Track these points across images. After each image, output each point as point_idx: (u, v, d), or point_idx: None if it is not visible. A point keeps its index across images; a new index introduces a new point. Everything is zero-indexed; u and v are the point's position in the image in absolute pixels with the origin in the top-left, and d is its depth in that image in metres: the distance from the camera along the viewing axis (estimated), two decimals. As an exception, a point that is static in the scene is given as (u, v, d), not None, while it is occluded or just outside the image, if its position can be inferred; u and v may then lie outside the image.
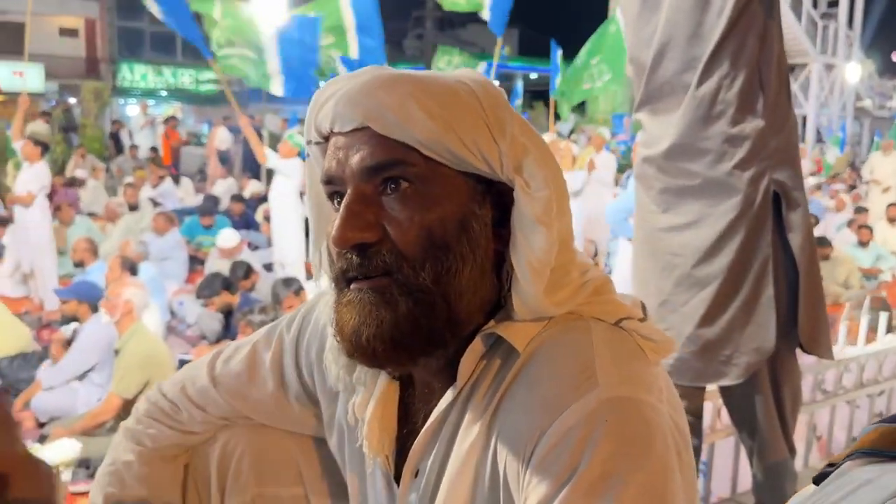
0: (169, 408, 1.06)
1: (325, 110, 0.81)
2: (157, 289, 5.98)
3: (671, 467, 0.70)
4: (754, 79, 2.02)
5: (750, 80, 2.01)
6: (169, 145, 15.49)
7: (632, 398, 0.72)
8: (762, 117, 2.02)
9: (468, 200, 0.79)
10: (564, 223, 0.81)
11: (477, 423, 0.79)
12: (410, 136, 0.76)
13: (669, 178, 2.14)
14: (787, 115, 2.08)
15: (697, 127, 2.06)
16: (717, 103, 2.02)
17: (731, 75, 2.01)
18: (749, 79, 2.01)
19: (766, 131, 2.02)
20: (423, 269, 0.77)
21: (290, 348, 1.03)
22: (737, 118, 2.02)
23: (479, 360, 0.82)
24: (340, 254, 0.79)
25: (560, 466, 0.69)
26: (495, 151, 0.78)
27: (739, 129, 2.02)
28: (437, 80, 0.80)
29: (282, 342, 1.04)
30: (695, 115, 2.06)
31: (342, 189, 0.79)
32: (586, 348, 0.76)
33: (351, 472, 0.96)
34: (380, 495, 0.92)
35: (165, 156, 15.12)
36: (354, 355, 0.80)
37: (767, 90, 2.03)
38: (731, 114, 2.01)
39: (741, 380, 2.08)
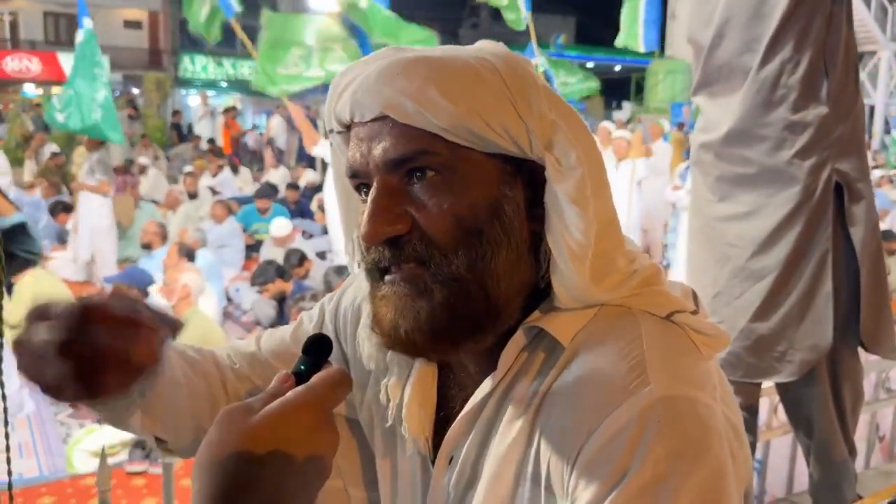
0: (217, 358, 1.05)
1: (343, 99, 0.78)
2: (215, 275, 6.11)
3: (726, 469, 0.67)
4: (819, 63, 1.93)
5: (814, 64, 1.92)
6: (229, 135, 15.77)
7: (685, 397, 0.69)
8: (826, 104, 1.93)
9: (498, 183, 0.76)
10: (604, 205, 0.77)
11: (519, 419, 0.77)
12: (432, 123, 0.73)
13: (726, 165, 2.06)
14: (853, 103, 1.99)
15: (757, 112, 1.98)
16: (778, 88, 1.94)
17: (795, 59, 1.92)
18: (814, 63, 1.92)
19: (829, 119, 1.93)
20: (455, 256, 0.74)
21: (330, 323, 1.03)
22: (799, 104, 1.93)
23: (520, 352, 0.79)
24: (372, 246, 0.77)
25: (609, 469, 0.66)
26: (523, 130, 0.75)
27: (801, 115, 1.93)
28: (456, 58, 0.76)
29: (322, 318, 1.04)
30: (754, 100, 1.98)
31: (368, 182, 0.77)
32: (636, 344, 0.72)
33: (382, 453, 0.95)
34: (415, 477, 0.90)
35: (225, 145, 15.40)
36: (395, 348, 0.78)
37: (833, 75, 1.93)
38: (793, 99, 1.93)
39: (795, 377, 2.01)
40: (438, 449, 0.85)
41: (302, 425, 0.62)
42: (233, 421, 0.61)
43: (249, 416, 0.61)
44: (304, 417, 0.62)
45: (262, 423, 0.61)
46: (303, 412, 0.62)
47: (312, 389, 0.64)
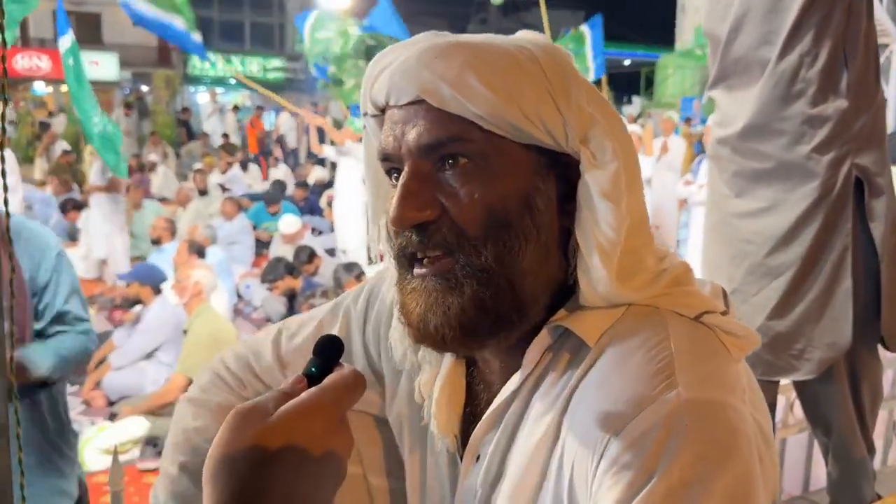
0: (234, 381, 1.03)
1: (380, 82, 0.77)
2: (225, 272, 6.11)
3: (754, 474, 0.65)
4: (839, 56, 1.89)
5: (834, 56, 1.89)
6: (255, 134, 15.70)
7: (714, 400, 0.67)
8: (846, 97, 1.89)
9: (531, 175, 0.75)
10: (636, 201, 0.76)
11: (545, 419, 0.76)
12: (469, 110, 0.72)
13: (743, 160, 2.04)
14: (873, 96, 1.95)
15: (775, 106, 1.95)
16: (797, 81, 1.91)
17: (814, 52, 1.89)
18: (833, 55, 1.89)
19: (849, 112, 1.90)
20: (484, 248, 0.73)
21: (358, 323, 1.01)
22: (818, 98, 1.90)
23: (546, 352, 0.78)
24: (399, 231, 0.76)
25: (634, 471, 0.64)
26: (559, 122, 0.73)
27: (820, 109, 1.90)
28: (496, 46, 0.75)
29: (348, 317, 1.02)
30: (772, 94, 1.95)
31: (399, 166, 0.76)
32: (664, 346, 0.71)
33: (412, 450, 0.94)
34: (442, 475, 0.90)
35: (252, 144, 15.31)
36: (423, 341, 0.77)
37: (852, 68, 1.90)
38: (812, 93, 1.90)
39: (813, 375, 1.98)
40: (466, 446, 0.84)
41: (316, 427, 0.61)
42: (246, 422, 0.60)
43: (263, 417, 0.60)
44: (319, 419, 0.61)
45: (277, 426, 0.59)
46: (317, 414, 0.61)
47: (327, 391, 0.63)
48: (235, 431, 0.59)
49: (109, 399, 4.75)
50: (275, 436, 0.59)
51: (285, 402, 0.61)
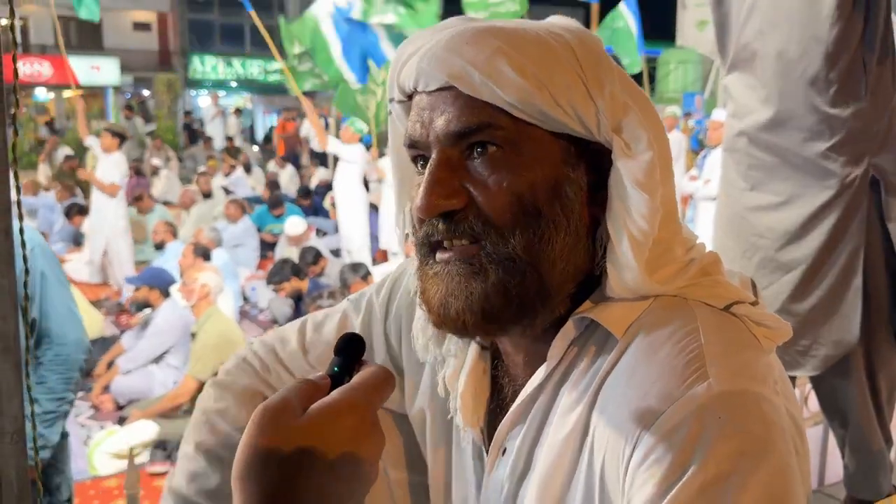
0: (259, 365, 1.03)
1: (408, 67, 0.76)
2: (231, 274, 6.11)
3: (791, 466, 0.64)
4: (859, 58, 1.89)
5: (854, 59, 1.88)
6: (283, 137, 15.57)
7: (747, 391, 0.66)
8: (865, 99, 1.89)
9: (561, 163, 0.73)
10: (668, 191, 0.74)
11: (573, 412, 0.74)
12: (499, 97, 0.70)
13: (760, 153, 2.02)
14: (890, 97, 1.95)
15: (795, 103, 1.94)
16: (817, 81, 1.90)
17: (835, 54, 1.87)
18: (853, 58, 1.88)
19: (868, 113, 1.89)
20: (512, 236, 0.72)
21: (380, 315, 1.00)
22: (837, 99, 1.89)
23: (571, 344, 0.77)
24: (425, 219, 0.74)
25: (667, 465, 0.63)
26: (592, 110, 0.72)
27: (840, 110, 1.89)
28: (528, 31, 0.73)
29: (371, 309, 1.01)
30: (793, 91, 1.94)
31: (426, 153, 0.75)
32: (693, 337, 0.69)
33: (435, 445, 0.93)
34: (468, 469, 0.89)
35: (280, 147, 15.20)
36: (443, 326, 0.76)
37: (871, 71, 1.89)
38: (832, 93, 1.89)
39: (817, 372, 1.98)
40: (492, 440, 0.83)
41: (348, 428, 0.58)
42: (275, 423, 0.58)
43: (292, 417, 0.58)
44: (350, 420, 0.59)
45: (308, 426, 0.57)
46: (348, 414, 0.59)
47: (357, 390, 0.61)
48: (265, 431, 0.57)
49: (118, 403, 4.74)
50: (306, 437, 0.57)
51: (311, 398, 0.59)
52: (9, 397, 1.08)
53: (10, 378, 1.08)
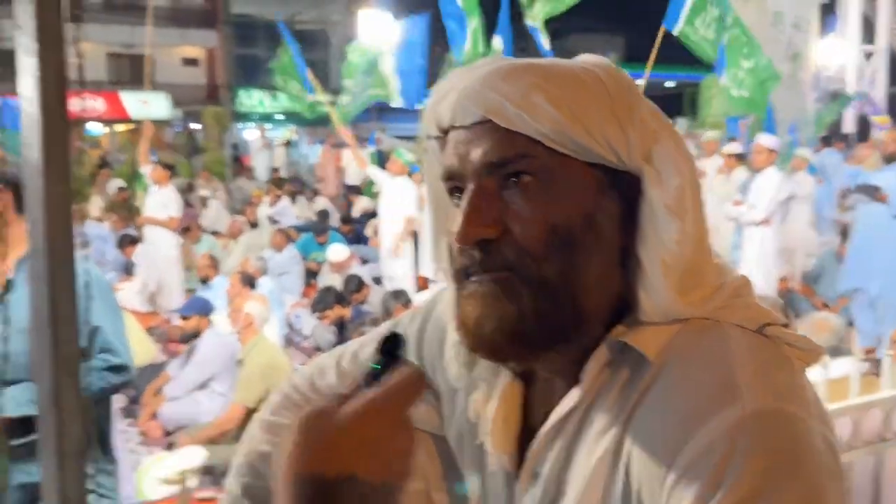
0: (301, 400, 1.05)
1: (445, 104, 0.79)
2: (276, 302, 6.20)
3: (824, 486, 0.65)
4: None
5: None
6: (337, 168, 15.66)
7: (780, 411, 0.67)
8: None
9: (594, 193, 0.76)
10: (698, 217, 0.76)
11: (605, 436, 0.75)
12: (534, 128, 0.73)
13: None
14: None
15: None
16: None
17: None
18: None
19: None
20: (546, 263, 0.74)
21: (414, 342, 1.02)
22: None
23: (604, 367, 0.78)
24: (462, 250, 0.77)
25: (701, 484, 0.64)
26: (623, 140, 0.74)
27: None
28: (560, 67, 0.77)
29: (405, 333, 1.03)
30: None
31: (463, 185, 0.77)
32: (725, 357, 0.71)
33: (470, 468, 0.94)
34: (499, 494, 0.89)
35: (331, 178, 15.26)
36: (477, 349, 0.78)
37: None
38: None
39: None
40: (522, 461, 0.84)
41: (381, 427, 0.60)
42: (314, 429, 0.60)
43: (329, 421, 0.60)
44: (382, 419, 0.60)
45: (343, 429, 0.59)
46: (379, 414, 0.60)
47: (387, 391, 0.62)
48: (306, 441, 0.59)
49: (166, 429, 4.83)
50: (343, 441, 0.59)
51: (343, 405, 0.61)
52: (71, 420, 1.13)
53: (73, 401, 1.13)
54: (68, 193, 1.09)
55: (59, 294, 1.11)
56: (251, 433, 1.07)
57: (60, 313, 1.12)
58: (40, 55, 1.04)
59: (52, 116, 1.04)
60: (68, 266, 1.11)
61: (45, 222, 1.08)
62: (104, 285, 2.22)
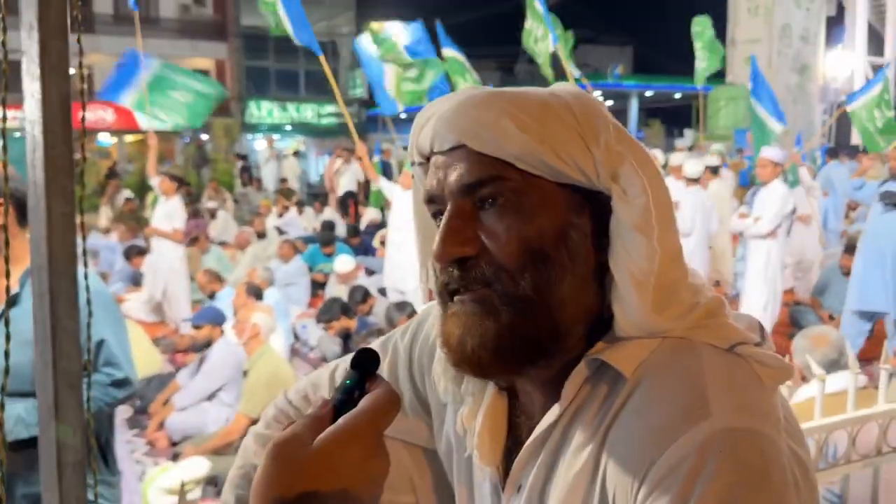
0: (294, 414, 1.08)
1: (425, 131, 0.83)
2: (282, 313, 6.24)
3: (788, 499, 0.67)
4: None
5: None
6: None
7: (747, 429, 0.69)
8: None
9: (566, 211, 0.79)
10: (668, 235, 0.79)
11: (584, 450, 0.78)
12: (505, 151, 0.77)
13: None
14: None
15: None
16: None
17: None
18: None
19: None
20: (522, 278, 0.77)
21: (404, 356, 1.05)
22: None
23: (584, 384, 0.81)
24: (443, 269, 0.81)
25: (669, 499, 0.67)
26: (590, 161, 0.78)
27: None
28: (530, 94, 0.81)
29: (396, 351, 1.06)
30: None
31: (443, 207, 0.81)
32: (697, 375, 0.74)
33: (459, 482, 0.97)
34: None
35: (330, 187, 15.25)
36: (461, 366, 0.81)
37: None
38: None
39: None
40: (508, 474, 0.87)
41: (355, 454, 0.61)
42: (288, 456, 0.61)
43: (303, 448, 0.61)
44: (357, 445, 0.62)
45: (319, 456, 0.61)
46: (354, 440, 0.62)
47: (361, 415, 0.63)
48: (278, 467, 0.61)
49: (172, 440, 4.86)
50: (318, 468, 0.60)
51: (318, 429, 0.62)
52: (73, 431, 1.16)
53: (75, 413, 1.16)
54: (71, 212, 1.13)
55: (61, 309, 1.14)
56: (246, 445, 1.10)
57: (62, 327, 1.15)
58: (43, 79, 1.08)
59: (55, 139, 1.08)
60: (70, 281, 1.15)
61: (48, 239, 1.12)
62: (108, 299, 2.26)
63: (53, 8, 1.08)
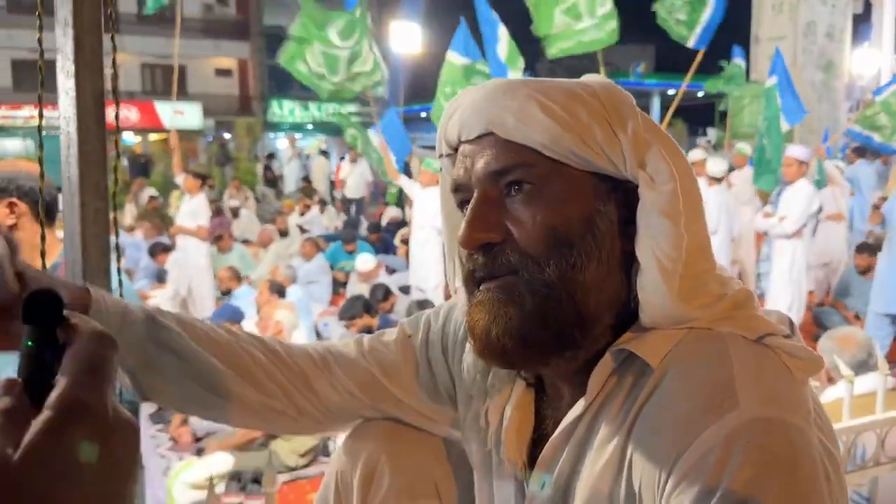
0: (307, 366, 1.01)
1: (452, 122, 0.84)
2: (305, 311, 6.27)
3: (818, 491, 0.66)
4: None
5: None
6: None
7: (775, 419, 0.69)
8: None
9: (592, 199, 0.79)
10: (696, 225, 0.79)
11: (611, 442, 0.78)
12: (532, 138, 0.77)
13: None
14: None
15: None
16: None
17: None
18: None
19: None
20: (547, 265, 0.77)
21: (437, 341, 1.04)
22: None
23: (610, 376, 0.80)
24: (469, 256, 0.81)
25: (697, 490, 0.66)
26: (617, 148, 0.78)
27: None
28: (558, 83, 0.81)
29: (429, 326, 1.05)
30: None
31: (469, 196, 0.81)
32: (724, 365, 0.73)
33: (480, 475, 0.97)
34: (510, 499, 0.92)
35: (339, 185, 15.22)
36: (486, 355, 0.81)
37: None
38: None
39: None
40: (532, 470, 0.87)
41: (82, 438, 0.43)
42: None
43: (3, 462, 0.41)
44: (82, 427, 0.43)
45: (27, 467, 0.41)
46: (75, 422, 0.43)
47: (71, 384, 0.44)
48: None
49: (196, 435, 4.90)
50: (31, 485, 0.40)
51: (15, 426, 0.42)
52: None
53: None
54: (104, 207, 1.14)
55: (94, 304, 1.16)
56: None
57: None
58: (77, 76, 1.09)
59: (89, 135, 1.09)
60: (103, 276, 1.16)
61: (82, 234, 1.13)
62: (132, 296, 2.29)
63: (88, 4, 1.09)
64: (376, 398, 1.02)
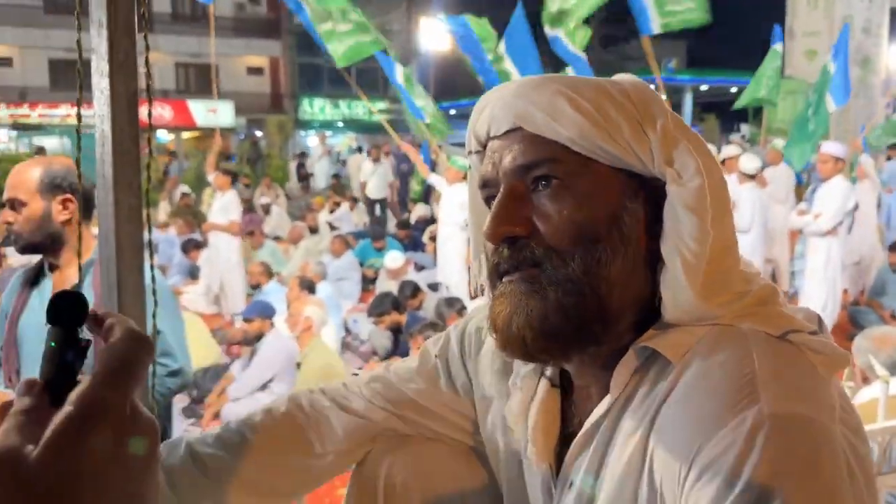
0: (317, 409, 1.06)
1: (482, 118, 0.84)
2: (334, 307, 6.31)
3: (841, 490, 0.64)
4: None
5: None
6: None
7: (797, 415, 0.67)
8: None
9: (619, 195, 0.79)
10: (723, 224, 0.78)
11: (633, 439, 0.77)
12: (560, 133, 0.77)
13: None
14: None
15: None
16: None
17: None
18: None
19: None
20: (572, 260, 0.77)
21: (457, 342, 1.05)
22: None
23: (634, 373, 0.80)
24: (494, 250, 0.81)
25: (717, 486, 0.66)
26: (646, 145, 0.78)
27: None
28: (587, 79, 0.81)
29: (448, 342, 1.06)
30: None
31: (496, 191, 0.82)
32: (745, 361, 0.72)
33: (506, 477, 0.97)
34: (536, 500, 0.92)
35: None
36: (507, 347, 0.81)
37: None
38: None
39: None
40: (559, 470, 0.87)
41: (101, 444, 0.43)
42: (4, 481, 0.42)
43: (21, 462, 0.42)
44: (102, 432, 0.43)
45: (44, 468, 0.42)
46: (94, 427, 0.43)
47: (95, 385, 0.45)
48: None
49: (228, 428, 4.96)
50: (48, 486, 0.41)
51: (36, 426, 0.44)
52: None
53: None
54: (138, 205, 1.16)
55: (128, 299, 1.18)
56: None
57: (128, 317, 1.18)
58: (112, 76, 1.11)
59: (123, 134, 1.11)
60: (137, 272, 1.18)
61: (116, 231, 1.15)
62: (165, 291, 2.32)
63: (122, 6, 1.11)
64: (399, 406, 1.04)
